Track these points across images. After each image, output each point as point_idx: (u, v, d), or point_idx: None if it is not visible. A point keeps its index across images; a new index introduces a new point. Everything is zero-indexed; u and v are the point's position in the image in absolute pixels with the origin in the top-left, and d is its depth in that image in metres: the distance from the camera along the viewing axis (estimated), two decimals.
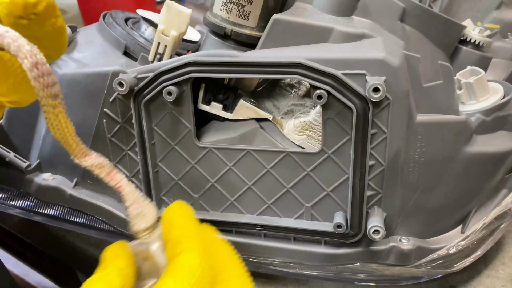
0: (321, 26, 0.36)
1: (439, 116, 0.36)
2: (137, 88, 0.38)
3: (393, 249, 0.40)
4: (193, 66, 0.36)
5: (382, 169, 0.37)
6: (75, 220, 0.47)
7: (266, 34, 0.37)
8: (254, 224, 0.42)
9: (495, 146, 0.38)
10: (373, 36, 0.36)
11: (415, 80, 0.36)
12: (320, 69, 0.34)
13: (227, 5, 0.36)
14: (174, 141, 0.40)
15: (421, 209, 0.40)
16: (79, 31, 0.46)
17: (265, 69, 0.36)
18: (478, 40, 0.43)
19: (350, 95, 0.35)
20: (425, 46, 0.39)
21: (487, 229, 0.40)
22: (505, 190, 0.41)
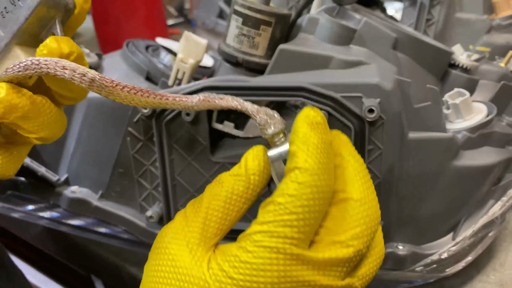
0: (322, 55, 0.41)
1: (429, 133, 0.41)
2: (158, 110, 0.42)
3: (390, 255, 0.44)
4: (208, 90, 0.41)
5: (378, 181, 0.41)
6: (99, 230, 0.51)
7: (273, 62, 0.41)
8: None
9: (480, 160, 0.42)
10: (369, 63, 0.40)
11: (407, 101, 0.40)
12: (321, 93, 0.39)
13: (239, 37, 0.41)
14: (191, 157, 0.45)
15: (415, 218, 0.44)
16: (104, 58, 0.51)
17: (272, 92, 0.40)
18: (466, 64, 0.48)
19: (348, 115, 0.39)
20: (416, 71, 0.44)
21: (476, 236, 0.44)
22: (492, 201, 0.45)
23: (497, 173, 0.45)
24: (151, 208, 0.47)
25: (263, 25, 0.41)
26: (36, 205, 0.52)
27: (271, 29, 0.41)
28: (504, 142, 0.45)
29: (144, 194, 0.48)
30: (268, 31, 0.41)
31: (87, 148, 0.48)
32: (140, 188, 0.47)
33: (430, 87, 0.40)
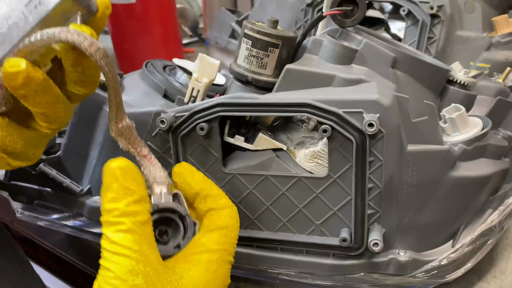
0: (325, 74, 0.44)
1: (426, 146, 0.44)
2: (175, 125, 0.46)
3: (392, 261, 0.46)
4: (220, 106, 0.45)
5: (379, 191, 0.44)
6: None
7: (280, 80, 0.45)
8: (272, 239, 0.49)
9: (476, 171, 0.45)
10: (369, 81, 0.44)
11: (405, 116, 0.43)
12: (325, 108, 0.42)
13: (248, 58, 0.45)
14: (204, 168, 0.48)
15: (415, 226, 0.46)
16: (125, 77, 0.55)
17: (279, 108, 0.44)
18: (463, 80, 0.51)
19: (350, 129, 0.42)
20: (414, 88, 0.47)
21: (475, 244, 0.46)
22: (491, 210, 0.48)
23: (494, 184, 0.47)
24: None
25: (271, 47, 0.44)
26: (60, 214, 0.56)
27: (278, 51, 0.44)
28: (499, 154, 0.47)
29: None
30: (276, 52, 0.44)
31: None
32: None
33: (427, 102, 0.43)
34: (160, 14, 1.05)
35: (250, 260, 0.50)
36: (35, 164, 0.52)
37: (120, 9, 1.00)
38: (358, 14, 0.46)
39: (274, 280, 0.50)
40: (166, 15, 1.07)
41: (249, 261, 0.50)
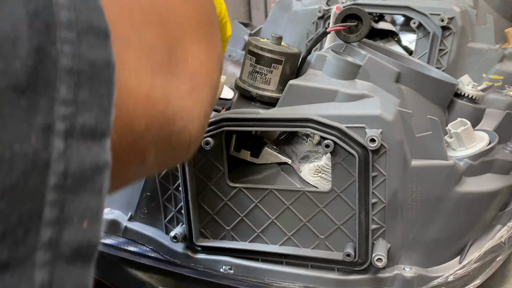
0: (328, 89, 0.44)
1: (431, 161, 0.43)
2: None
3: (397, 276, 0.46)
4: (226, 121, 0.45)
5: (383, 206, 0.44)
6: (129, 249, 0.55)
7: (284, 96, 0.45)
8: (277, 253, 0.49)
9: (483, 187, 0.44)
10: (372, 96, 0.44)
11: (409, 131, 0.43)
12: (327, 124, 0.42)
13: (253, 74, 0.45)
14: (210, 182, 0.49)
15: (421, 241, 0.46)
16: None
17: (283, 123, 0.44)
18: (471, 94, 0.50)
19: (353, 144, 0.42)
20: (418, 103, 0.47)
21: (483, 260, 0.46)
22: (499, 226, 0.47)
23: (502, 199, 0.47)
24: (175, 228, 0.51)
25: (274, 63, 0.45)
26: None
27: (282, 67, 0.45)
28: (507, 169, 0.47)
29: (169, 216, 0.52)
30: (279, 68, 0.45)
31: None
32: (165, 210, 0.52)
33: (431, 117, 0.43)
34: None
35: (256, 274, 0.50)
36: None
37: None
38: (362, 30, 0.47)
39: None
40: None
41: (255, 275, 0.50)
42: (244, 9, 1.28)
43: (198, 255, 0.51)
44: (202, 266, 0.52)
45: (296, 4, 0.94)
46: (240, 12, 1.28)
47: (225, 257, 0.51)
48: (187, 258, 0.52)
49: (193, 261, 0.52)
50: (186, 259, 0.52)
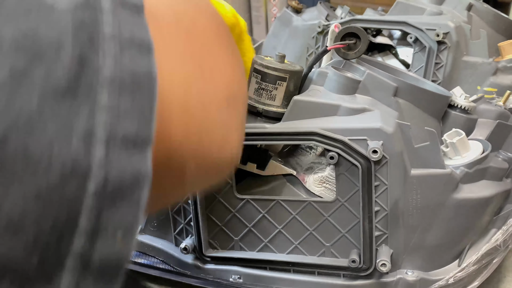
0: (330, 104, 0.47)
1: (429, 170, 0.46)
2: None
3: (400, 281, 0.48)
4: None
5: (386, 213, 0.46)
6: (139, 261, 0.57)
7: (289, 111, 0.48)
8: (284, 262, 0.51)
9: (478, 193, 0.47)
10: (372, 110, 0.46)
11: (407, 142, 0.46)
12: (331, 136, 0.45)
13: (258, 91, 0.48)
14: (218, 194, 0.51)
15: (422, 246, 0.48)
16: None
17: (288, 137, 0.47)
18: (464, 105, 0.53)
19: (356, 155, 0.45)
20: (416, 115, 0.49)
21: (480, 263, 0.48)
22: (495, 229, 0.49)
23: (497, 204, 0.49)
24: (185, 240, 0.53)
25: (279, 80, 0.47)
26: None
27: (286, 83, 0.48)
28: (501, 176, 0.49)
29: (178, 228, 0.54)
30: (283, 85, 0.48)
31: None
32: (175, 222, 0.54)
33: (428, 129, 0.45)
34: None
35: (264, 282, 0.52)
36: None
37: None
38: (361, 47, 0.49)
39: None
40: None
41: (263, 283, 0.52)
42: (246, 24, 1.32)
43: (207, 266, 0.53)
44: (212, 276, 0.54)
45: (296, 19, 0.97)
46: None
47: (234, 267, 0.53)
48: (197, 269, 0.54)
49: (203, 271, 0.54)
50: (196, 270, 0.54)
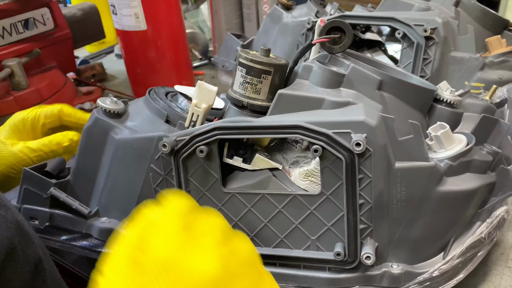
0: (315, 97, 0.47)
1: (413, 162, 0.46)
2: (176, 148, 0.49)
3: (386, 274, 0.48)
4: (219, 130, 0.48)
5: (370, 206, 0.46)
6: None
7: (274, 105, 0.48)
8: (270, 255, 0.51)
9: (462, 186, 0.47)
10: (356, 103, 0.46)
11: (391, 135, 0.46)
12: (315, 130, 0.45)
13: (244, 84, 0.48)
14: (205, 189, 0.51)
15: (407, 239, 0.48)
16: (130, 104, 0.59)
17: (273, 130, 0.46)
18: (449, 99, 0.53)
19: (340, 148, 0.45)
20: (400, 108, 0.49)
21: (465, 256, 0.48)
22: (479, 222, 0.49)
23: (481, 197, 0.49)
24: None
25: (264, 74, 0.47)
26: (70, 235, 0.59)
27: (271, 77, 0.48)
28: (485, 168, 0.49)
29: None
30: (268, 78, 0.48)
31: (115, 183, 0.54)
32: None
33: (412, 122, 0.46)
34: (171, 40, 1.10)
35: None
36: (47, 188, 0.56)
37: (133, 36, 1.05)
38: (346, 41, 0.49)
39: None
40: (177, 40, 1.12)
41: None
42: (237, 21, 1.32)
43: None
44: None
45: (286, 16, 0.98)
46: (233, 24, 1.31)
47: None
48: None
49: None
50: None
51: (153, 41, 1.07)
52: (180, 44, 1.13)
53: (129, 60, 1.13)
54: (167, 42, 1.09)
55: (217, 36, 1.32)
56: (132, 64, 1.12)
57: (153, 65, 1.10)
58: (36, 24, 1.06)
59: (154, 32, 1.06)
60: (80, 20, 1.22)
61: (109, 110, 0.54)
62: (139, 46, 1.07)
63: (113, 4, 1.02)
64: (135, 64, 1.11)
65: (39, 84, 1.02)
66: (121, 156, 0.53)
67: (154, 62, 1.10)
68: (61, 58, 1.12)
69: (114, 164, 0.54)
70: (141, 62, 1.10)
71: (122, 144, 0.53)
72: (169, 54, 1.11)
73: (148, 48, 1.08)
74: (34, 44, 1.05)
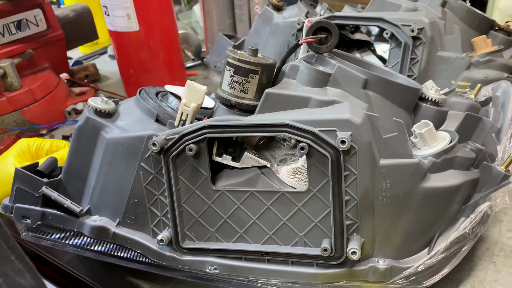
0: (302, 96, 0.48)
1: (398, 160, 0.47)
2: (166, 147, 0.50)
3: (372, 269, 0.49)
4: (207, 128, 0.48)
5: (356, 203, 0.47)
6: (118, 254, 0.58)
7: (261, 103, 0.49)
8: (259, 252, 0.52)
9: (445, 182, 0.48)
10: (342, 102, 0.47)
11: (376, 133, 0.47)
12: (302, 128, 0.46)
13: (232, 84, 0.49)
14: (194, 186, 0.52)
15: (393, 235, 0.49)
16: (120, 104, 0.60)
17: (261, 129, 0.47)
18: (434, 97, 0.54)
19: (325, 146, 0.46)
20: (385, 107, 0.50)
21: (449, 251, 0.49)
22: (463, 218, 0.50)
23: (465, 193, 0.50)
24: (162, 232, 0.54)
25: (251, 73, 0.48)
26: (62, 233, 0.59)
27: (258, 76, 0.48)
28: (468, 165, 0.51)
29: (155, 220, 0.54)
30: (256, 78, 0.48)
31: (106, 182, 0.55)
32: (152, 215, 0.54)
33: (396, 120, 0.47)
34: (164, 40, 1.10)
35: (240, 272, 0.53)
36: (38, 187, 0.57)
37: (126, 37, 1.05)
38: (332, 41, 0.50)
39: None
40: (170, 41, 1.12)
41: (239, 273, 0.53)
42: (229, 22, 1.33)
43: (184, 257, 0.54)
44: (189, 268, 0.54)
45: (277, 16, 0.99)
46: (225, 25, 1.32)
47: (210, 258, 0.53)
48: (174, 261, 0.55)
49: (180, 263, 0.54)
50: (173, 262, 0.55)
51: (145, 42, 1.08)
52: (172, 44, 1.14)
53: (122, 60, 1.13)
54: (159, 43, 1.10)
55: (210, 36, 1.33)
56: (125, 65, 1.13)
57: (146, 65, 1.11)
58: (28, 25, 1.06)
59: (147, 33, 1.06)
60: (73, 21, 1.23)
61: (100, 110, 0.55)
62: (131, 46, 1.08)
63: (106, 5, 1.02)
64: (128, 64, 1.12)
65: (32, 85, 1.02)
66: (111, 155, 0.54)
67: (147, 62, 1.11)
68: (54, 59, 1.13)
69: (105, 162, 0.55)
70: (134, 63, 1.11)
71: (112, 143, 0.53)
72: (161, 55, 1.12)
73: (141, 48, 1.08)
74: (27, 45, 1.05)
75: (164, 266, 0.55)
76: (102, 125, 0.54)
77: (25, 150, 0.73)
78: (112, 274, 0.64)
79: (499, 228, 0.65)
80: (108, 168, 0.54)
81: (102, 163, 0.55)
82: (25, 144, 0.73)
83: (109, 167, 0.54)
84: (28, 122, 1.01)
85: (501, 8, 1.15)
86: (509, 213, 0.67)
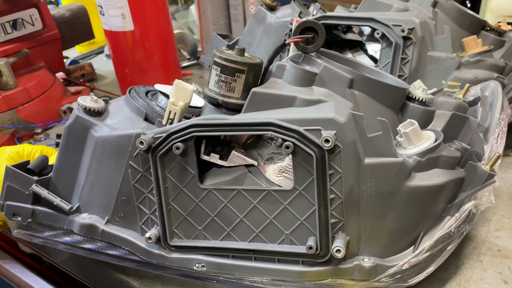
0: (288, 95, 0.48)
1: (382, 158, 0.47)
2: (154, 145, 0.50)
3: (357, 267, 0.50)
4: (195, 127, 0.49)
5: (341, 201, 0.48)
6: (108, 252, 0.58)
7: (248, 102, 0.49)
8: (246, 250, 0.52)
9: (430, 181, 0.49)
10: (327, 101, 0.48)
11: (361, 132, 0.47)
12: (287, 127, 0.46)
13: (218, 83, 0.49)
14: (182, 185, 0.52)
15: (378, 233, 0.50)
16: (110, 102, 0.60)
17: (247, 127, 0.48)
18: (422, 97, 0.55)
19: (310, 145, 0.46)
20: (371, 106, 0.51)
21: (434, 249, 0.50)
22: (448, 217, 0.51)
23: (450, 192, 0.51)
24: (150, 230, 0.54)
25: (238, 72, 0.49)
26: (53, 231, 0.60)
27: (245, 76, 0.49)
28: (453, 164, 0.51)
29: (144, 218, 0.55)
30: (242, 77, 0.49)
31: (95, 180, 0.56)
32: (140, 213, 0.55)
33: (380, 119, 0.47)
34: (159, 40, 1.11)
35: (227, 270, 0.53)
36: (28, 185, 0.57)
37: (121, 36, 1.06)
38: (318, 41, 0.51)
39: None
40: (165, 41, 1.13)
41: (226, 271, 0.53)
42: (224, 21, 1.33)
43: (172, 255, 0.55)
44: (177, 265, 0.55)
45: (270, 16, 0.99)
46: (220, 24, 1.33)
47: (197, 255, 0.54)
48: (162, 258, 0.55)
49: (167, 260, 0.55)
50: (161, 259, 0.55)
51: (141, 42, 1.08)
52: (168, 44, 1.14)
53: (117, 60, 1.14)
54: (155, 43, 1.11)
55: (205, 36, 1.34)
56: (121, 64, 1.14)
57: (141, 65, 1.12)
58: (24, 24, 1.07)
59: (142, 32, 1.07)
60: (69, 20, 1.23)
61: (89, 108, 0.56)
62: (127, 46, 1.08)
63: (101, 5, 1.03)
64: (123, 64, 1.13)
65: (27, 84, 1.03)
66: (100, 153, 0.54)
67: (142, 62, 1.11)
68: (49, 58, 1.13)
69: (94, 161, 0.55)
70: (129, 62, 1.11)
71: (101, 142, 0.54)
72: (157, 55, 1.12)
73: (136, 48, 1.09)
74: (23, 44, 1.06)
75: (152, 263, 0.56)
76: (92, 123, 0.55)
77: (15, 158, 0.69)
78: (102, 272, 0.64)
79: (487, 228, 0.65)
80: (97, 166, 0.55)
81: (91, 161, 0.55)
82: (14, 153, 0.69)
83: (98, 165, 0.55)
84: (23, 121, 1.01)
85: (493, 9, 1.15)
86: (498, 213, 0.68)
